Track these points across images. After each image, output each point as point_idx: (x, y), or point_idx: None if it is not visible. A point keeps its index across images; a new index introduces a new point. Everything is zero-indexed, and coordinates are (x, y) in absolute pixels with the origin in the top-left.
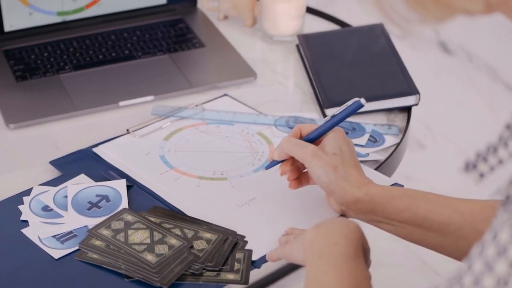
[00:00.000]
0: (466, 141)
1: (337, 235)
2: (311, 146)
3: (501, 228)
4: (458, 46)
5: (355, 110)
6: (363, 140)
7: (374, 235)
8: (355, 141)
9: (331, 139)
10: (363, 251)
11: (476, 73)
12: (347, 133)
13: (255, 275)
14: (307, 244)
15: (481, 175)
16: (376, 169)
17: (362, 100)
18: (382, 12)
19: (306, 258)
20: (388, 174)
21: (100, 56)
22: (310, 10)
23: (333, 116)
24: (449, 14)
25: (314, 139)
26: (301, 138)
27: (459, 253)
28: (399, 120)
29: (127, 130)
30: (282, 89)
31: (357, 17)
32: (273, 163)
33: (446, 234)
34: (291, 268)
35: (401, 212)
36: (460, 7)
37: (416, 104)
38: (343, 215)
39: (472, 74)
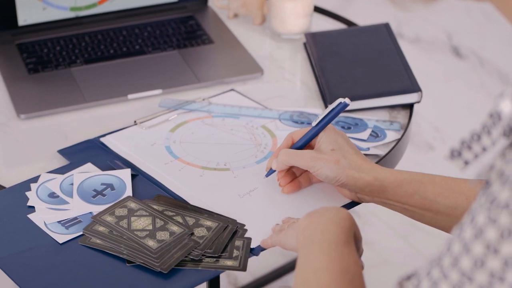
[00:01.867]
0: None
1: (328, 222)
2: (308, 152)
3: (478, 211)
4: (470, 50)
5: (341, 110)
6: (365, 134)
7: (379, 234)
8: (357, 135)
9: (324, 138)
10: (355, 239)
11: (487, 78)
12: (349, 128)
13: (261, 270)
14: (299, 231)
15: (466, 163)
16: (376, 163)
17: (347, 100)
18: None
19: (298, 244)
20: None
21: (111, 51)
22: (318, 10)
23: (321, 120)
24: None
25: (306, 143)
26: (293, 144)
27: None
28: (401, 117)
29: (135, 121)
30: (288, 85)
31: (372, 20)
32: (271, 171)
33: (453, 217)
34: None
35: (410, 196)
36: None
37: (418, 102)
38: (356, 203)
39: (483, 79)
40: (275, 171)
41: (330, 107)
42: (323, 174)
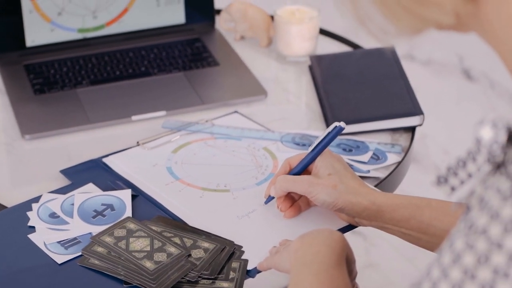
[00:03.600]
0: None
1: (320, 244)
2: (306, 177)
3: (456, 237)
4: (481, 73)
5: (337, 134)
6: (366, 157)
7: (385, 256)
8: (358, 157)
9: (321, 163)
10: (347, 261)
11: (497, 100)
12: (350, 150)
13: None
14: (292, 253)
15: (453, 189)
16: (376, 185)
17: (342, 124)
18: (360, 23)
19: (290, 267)
20: (389, 191)
21: (117, 72)
22: (324, 32)
23: (317, 145)
24: (423, 26)
25: (304, 168)
26: (291, 169)
27: None
28: (403, 139)
29: (137, 142)
30: (291, 107)
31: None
32: (270, 198)
33: None
34: None
35: (407, 220)
36: (432, 19)
37: (420, 125)
38: (353, 226)
39: (493, 101)
40: (273, 197)
41: (326, 131)
42: (321, 199)
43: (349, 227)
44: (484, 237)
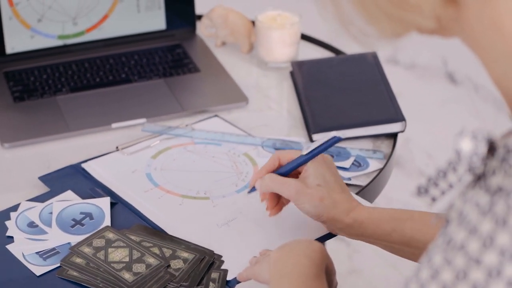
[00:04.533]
0: None
1: (299, 255)
2: (294, 183)
3: (435, 252)
4: (465, 76)
5: (333, 144)
6: (347, 163)
7: (368, 262)
8: (339, 164)
9: (312, 170)
10: (327, 272)
11: (482, 104)
12: (332, 156)
13: None
14: (271, 263)
15: (433, 199)
16: (357, 193)
17: (341, 135)
18: (342, 26)
19: (270, 277)
20: (371, 198)
21: (97, 79)
22: (306, 38)
23: (312, 150)
24: (404, 30)
25: (292, 170)
26: (279, 166)
27: None
28: (385, 146)
29: (117, 147)
30: (272, 114)
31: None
32: (254, 189)
33: None
34: None
35: (389, 234)
36: (413, 23)
37: (402, 131)
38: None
39: (478, 105)
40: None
41: (324, 139)
42: (305, 209)
43: (330, 235)
44: (463, 253)
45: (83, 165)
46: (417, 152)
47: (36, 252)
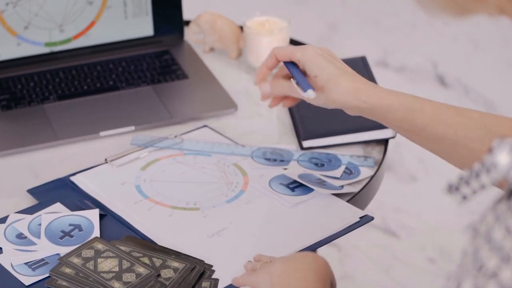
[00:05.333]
0: (457, 176)
1: (305, 270)
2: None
3: (464, 278)
4: (456, 79)
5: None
6: (338, 172)
7: (360, 267)
8: (330, 173)
9: (309, 63)
10: (330, 286)
11: (472, 106)
12: (322, 165)
13: None
14: (274, 277)
15: (464, 198)
16: (349, 200)
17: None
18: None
19: None
20: (362, 205)
21: (85, 87)
22: (294, 43)
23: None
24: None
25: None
26: (277, 62)
27: (457, 163)
28: (376, 152)
29: (105, 159)
30: (262, 121)
31: (357, 49)
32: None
33: (441, 146)
34: None
35: (400, 121)
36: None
37: (393, 137)
38: (323, 244)
39: (468, 107)
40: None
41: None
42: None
43: (321, 243)
44: (495, 281)
45: (72, 178)
46: (408, 156)
47: (25, 263)
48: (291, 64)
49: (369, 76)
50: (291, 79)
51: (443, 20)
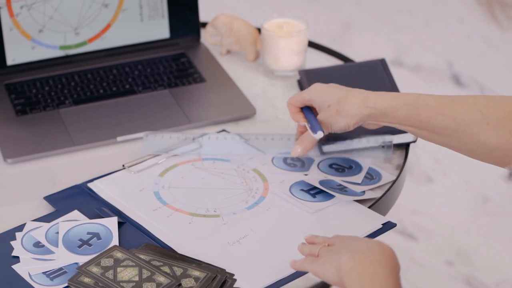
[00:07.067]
0: (475, 176)
1: (375, 264)
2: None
3: None
4: (471, 78)
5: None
6: (359, 178)
7: None
8: (350, 178)
9: (318, 99)
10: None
11: None
12: (343, 170)
13: None
14: (344, 273)
15: None
16: (371, 206)
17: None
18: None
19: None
20: (384, 211)
21: (101, 91)
22: (312, 45)
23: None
24: None
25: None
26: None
27: (462, 151)
28: (396, 156)
29: (123, 165)
30: (280, 124)
31: (370, 49)
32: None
33: (446, 136)
34: None
35: (407, 118)
36: None
37: (414, 141)
38: None
39: None
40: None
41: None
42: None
43: None
44: None
45: (89, 185)
46: (424, 157)
47: (43, 272)
48: (306, 109)
49: (389, 78)
50: (306, 125)
51: (457, 18)
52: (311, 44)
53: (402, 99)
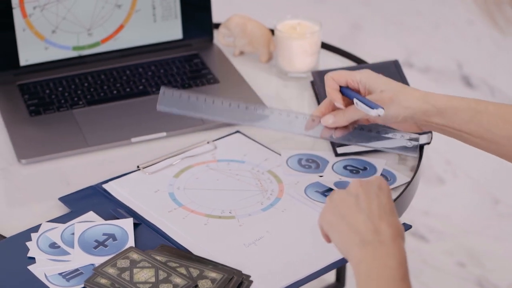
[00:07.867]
0: (486, 177)
1: (384, 256)
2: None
3: None
4: (481, 80)
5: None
6: None
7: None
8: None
9: (370, 82)
10: None
11: None
12: (358, 171)
13: None
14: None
15: None
16: None
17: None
18: (486, 9)
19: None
20: (399, 212)
21: (114, 92)
22: (325, 46)
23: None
24: None
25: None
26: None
27: None
28: (410, 158)
29: (138, 166)
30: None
31: (381, 49)
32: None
33: (507, 146)
34: None
35: (467, 123)
36: None
37: (428, 143)
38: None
39: None
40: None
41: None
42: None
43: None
44: None
45: (104, 186)
46: (436, 158)
47: (59, 273)
48: (347, 89)
49: (402, 80)
50: (355, 102)
51: (466, 19)
52: (324, 45)
53: (464, 101)
